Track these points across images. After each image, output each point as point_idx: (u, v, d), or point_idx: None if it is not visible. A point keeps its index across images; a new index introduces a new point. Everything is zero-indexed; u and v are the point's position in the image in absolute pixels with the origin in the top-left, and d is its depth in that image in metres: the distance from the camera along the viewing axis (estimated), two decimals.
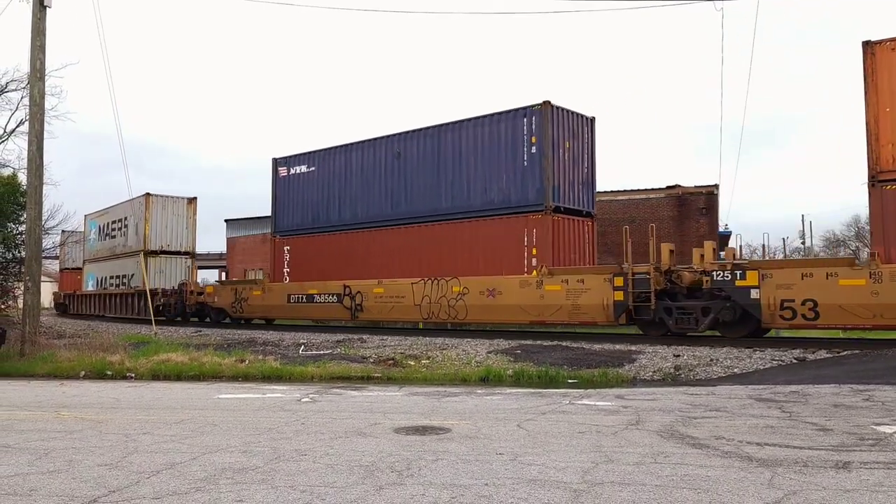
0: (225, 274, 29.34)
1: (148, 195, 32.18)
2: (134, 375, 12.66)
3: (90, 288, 38.61)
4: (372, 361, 13.87)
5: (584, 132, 19.52)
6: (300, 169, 24.90)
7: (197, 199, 33.78)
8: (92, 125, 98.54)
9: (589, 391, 9.81)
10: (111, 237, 36.05)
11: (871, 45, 13.83)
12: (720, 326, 15.41)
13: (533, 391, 9.94)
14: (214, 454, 5.66)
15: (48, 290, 47.17)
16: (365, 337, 19.17)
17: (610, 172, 78.81)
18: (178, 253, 32.96)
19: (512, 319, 18.77)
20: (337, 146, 23.84)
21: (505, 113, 19.19)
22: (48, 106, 17.52)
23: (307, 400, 9.11)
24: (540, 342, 15.89)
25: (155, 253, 32.17)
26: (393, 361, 13.75)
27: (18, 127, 24.99)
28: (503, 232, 18.87)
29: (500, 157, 19.17)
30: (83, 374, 12.96)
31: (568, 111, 18.99)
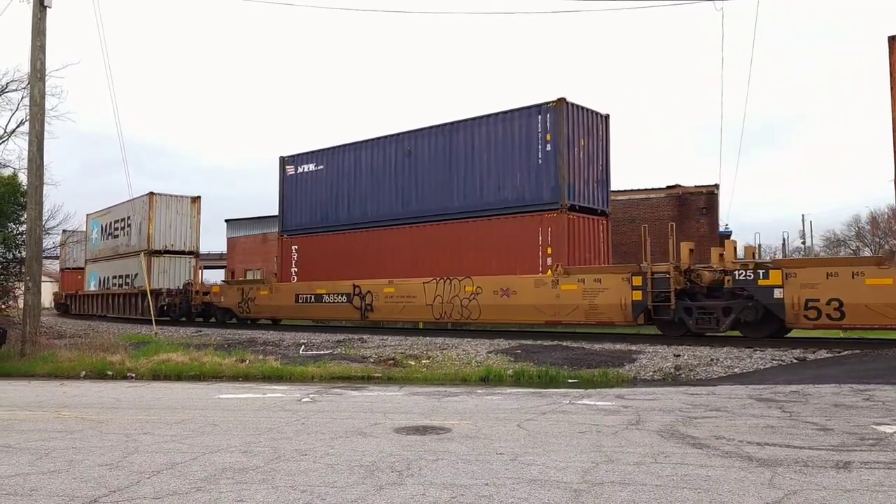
0: (233, 274, 29.06)
1: (152, 194, 31.97)
2: (134, 375, 12.67)
3: (92, 288, 38.45)
4: (372, 361, 13.87)
5: (598, 129, 19.21)
6: (308, 167, 24.59)
7: (200, 198, 33.58)
8: (92, 125, 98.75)
9: (589, 391, 9.81)
10: (114, 237, 35.81)
11: None
12: (741, 327, 15.10)
13: (533, 391, 9.94)
14: (215, 454, 5.67)
15: (48, 290, 47.15)
16: (365, 337, 19.17)
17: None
18: (181, 252, 32.72)
19: (526, 319, 18.38)
20: (346, 144, 23.50)
21: (519, 110, 18.87)
22: (48, 106, 17.54)
23: (307, 400, 9.12)
24: (540, 342, 15.89)
25: (158, 252, 31.92)
26: (393, 361, 13.75)
27: (19, 127, 24.97)
28: (517, 231, 18.61)
29: (513, 154, 18.89)
30: (84, 374, 12.97)
31: (583, 108, 18.67)
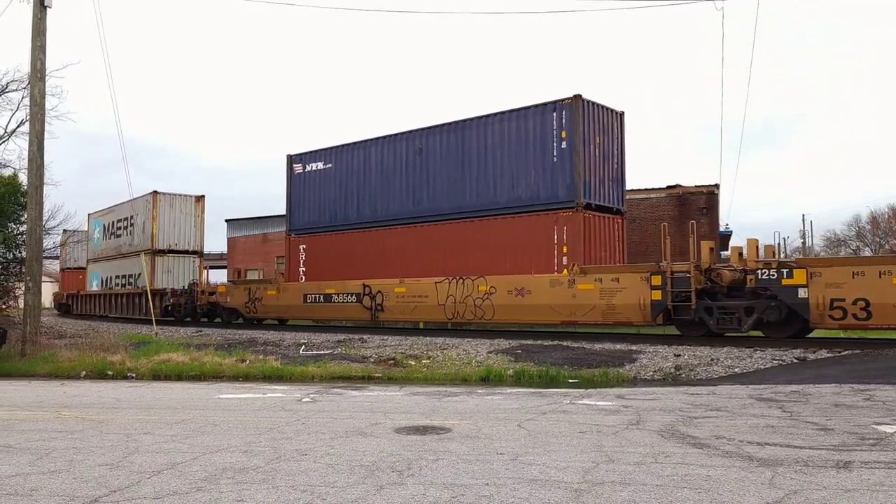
0: (238, 274, 28.88)
1: (155, 193, 31.71)
2: (135, 375, 12.67)
3: (94, 288, 38.21)
4: (372, 361, 13.87)
5: (613, 127, 18.98)
6: (316, 166, 24.34)
7: (204, 196, 33.26)
8: (92, 125, 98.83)
9: (589, 391, 9.81)
10: (116, 236, 35.53)
11: None
12: (764, 327, 14.85)
13: (533, 391, 9.94)
14: (215, 454, 5.67)
15: (48, 290, 47.10)
16: (365, 337, 19.17)
17: None
18: (185, 252, 32.45)
19: (542, 319, 18.12)
20: (355, 142, 23.24)
21: (533, 107, 18.64)
22: (49, 106, 17.56)
23: (308, 400, 9.12)
24: (540, 342, 15.89)
25: (162, 252, 31.65)
26: (393, 361, 13.75)
27: (19, 127, 25.01)
28: (532, 229, 18.41)
29: (528, 152, 18.66)
30: (84, 374, 12.97)
31: (598, 105, 18.44)
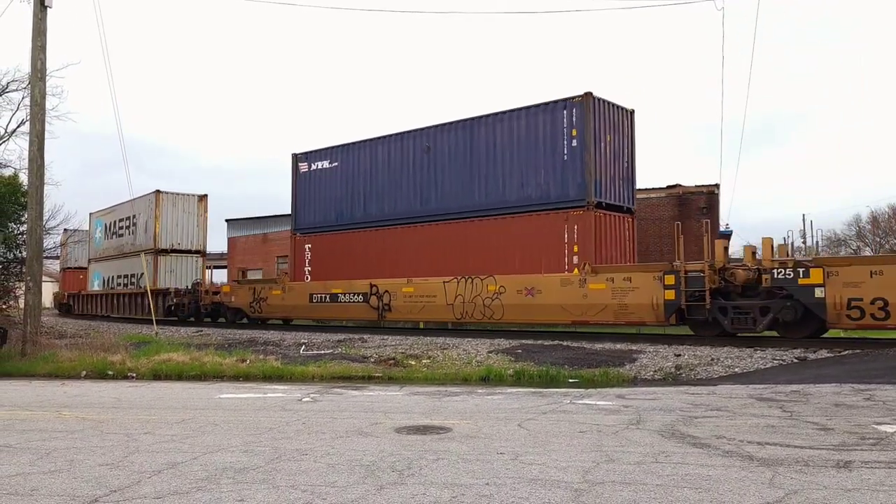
0: (243, 273, 28.76)
1: (158, 192, 31.47)
2: (135, 375, 12.66)
3: (96, 287, 37.99)
4: (373, 361, 13.87)
5: (624, 125, 18.89)
6: (322, 164, 24.16)
7: (207, 196, 32.93)
8: (92, 125, 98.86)
9: (590, 391, 9.81)
10: (118, 235, 35.29)
11: None
12: (779, 327, 14.69)
13: (534, 391, 9.94)
14: (216, 454, 5.67)
15: (49, 290, 47.06)
16: (366, 337, 19.17)
17: None
18: (188, 252, 32.23)
19: (552, 319, 17.95)
20: (361, 141, 23.09)
21: (543, 105, 18.54)
22: (49, 106, 17.56)
23: (308, 399, 9.12)
24: (541, 342, 15.90)
25: (165, 251, 31.43)
26: (394, 361, 13.75)
27: (20, 127, 25.03)
28: (542, 228, 18.30)
29: (537, 150, 18.56)
30: (84, 373, 12.97)
31: (609, 103, 18.35)
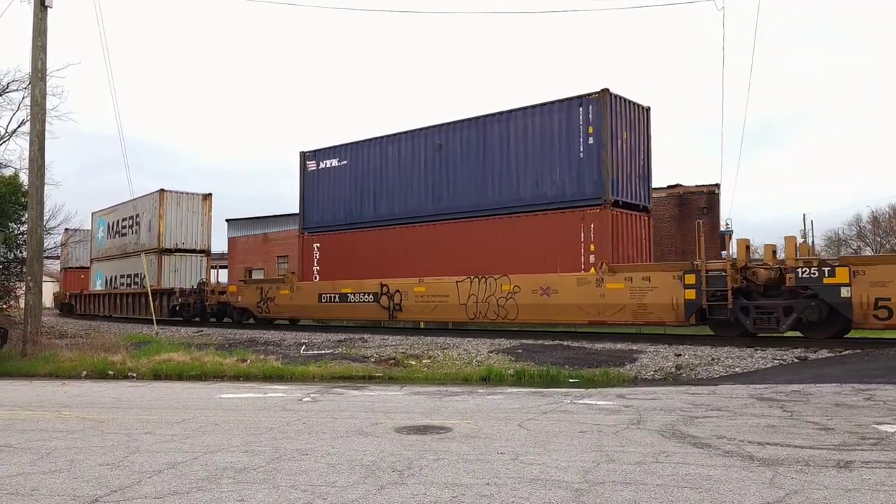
0: (249, 273, 28.67)
1: (162, 191, 31.26)
2: (135, 375, 12.67)
3: (98, 287, 37.70)
4: (373, 361, 13.87)
5: (640, 122, 18.77)
6: (330, 163, 23.95)
7: (212, 195, 32.67)
8: (93, 125, 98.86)
9: (590, 390, 9.81)
10: (121, 235, 35.00)
11: None
12: (803, 327, 14.50)
13: (534, 390, 9.94)
14: (216, 454, 5.67)
15: (49, 289, 47.03)
16: (366, 336, 19.17)
17: None
18: (192, 251, 32.00)
19: (568, 319, 17.71)
20: (371, 139, 22.92)
21: (558, 102, 18.39)
22: (49, 106, 17.53)
23: (308, 399, 9.12)
24: (541, 342, 15.90)
25: (170, 251, 31.19)
26: (394, 361, 13.75)
27: (20, 127, 24.96)
28: (557, 227, 18.13)
29: (553, 148, 18.37)
30: (85, 373, 12.97)
31: (625, 100, 18.21)
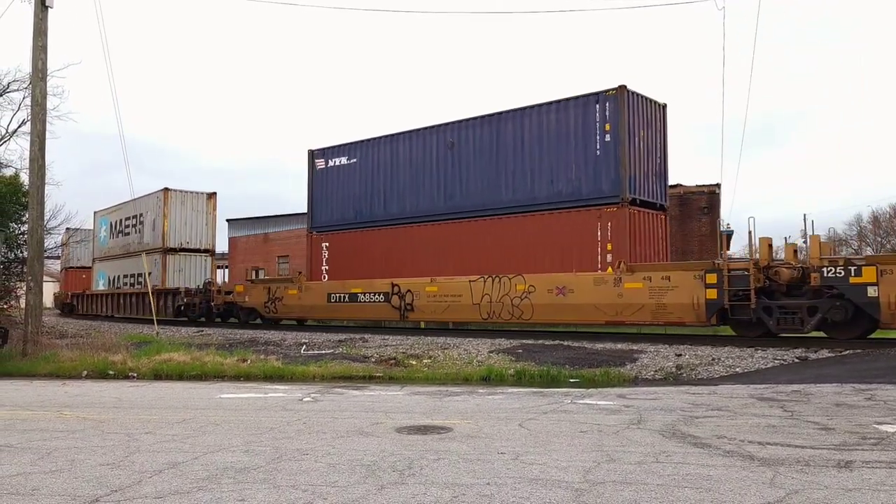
0: (256, 273, 28.62)
1: (167, 190, 31.12)
2: (136, 375, 12.67)
3: (101, 287, 37.55)
4: (374, 361, 13.87)
5: (657, 120, 18.58)
6: (340, 161, 23.76)
7: (216, 194, 32.56)
8: (93, 125, 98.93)
9: (590, 390, 9.81)
10: (124, 234, 34.82)
11: None
12: (827, 327, 14.28)
13: (535, 390, 9.94)
14: (216, 453, 5.67)
15: (49, 289, 47.02)
16: (367, 336, 19.18)
17: None
18: (197, 251, 31.86)
19: (585, 319, 17.46)
20: (381, 136, 22.76)
21: (574, 99, 18.25)
22: (50, 106, 17.52)
23: (309, 399, 9.12)
24: (542, 342, 15.90)
25: (174, 250, 31.07)
26: (395, 361, 13.75)
27: (20, 127, 24.93)
28: (573, 226, 17.96)
29: (568, 146, 18.18)
30: (85, 373, 12.98)
31: (642, 97, 18.04)
